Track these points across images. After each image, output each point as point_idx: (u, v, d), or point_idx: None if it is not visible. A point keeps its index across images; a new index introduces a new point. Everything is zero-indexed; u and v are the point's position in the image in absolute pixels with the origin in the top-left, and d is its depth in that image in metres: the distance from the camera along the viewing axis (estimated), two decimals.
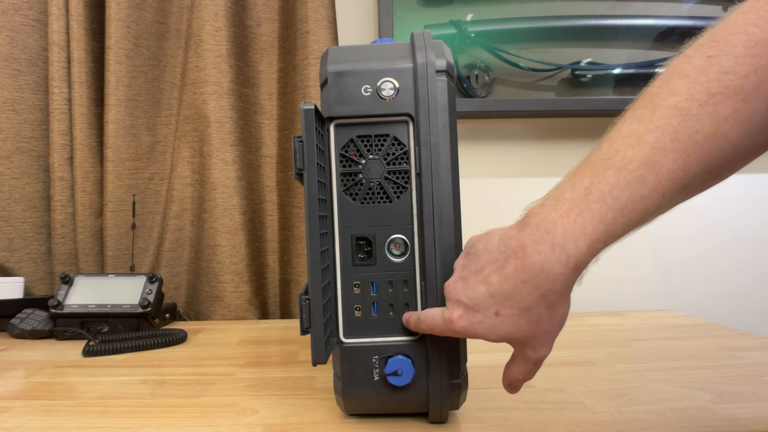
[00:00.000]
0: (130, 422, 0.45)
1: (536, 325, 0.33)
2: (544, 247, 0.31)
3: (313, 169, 0.37)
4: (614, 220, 0.30)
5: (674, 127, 0.28)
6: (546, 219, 0.31)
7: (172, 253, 0.97)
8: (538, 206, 0.33)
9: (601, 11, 0.99)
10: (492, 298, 0.33)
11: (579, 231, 0.30)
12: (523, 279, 0.32)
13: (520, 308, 0.32)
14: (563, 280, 0.31)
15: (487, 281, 0.33)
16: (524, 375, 0.37)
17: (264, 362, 0.64)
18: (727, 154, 0.28)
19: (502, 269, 0.33)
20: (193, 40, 0.94)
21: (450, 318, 0.35)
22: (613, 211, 0.30)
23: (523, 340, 0.34)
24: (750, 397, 0.48)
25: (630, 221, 0.30)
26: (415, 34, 0.43)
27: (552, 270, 0.31)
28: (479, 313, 0.34)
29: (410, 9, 0.99)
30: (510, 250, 0.33)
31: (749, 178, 1.06)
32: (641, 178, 0.29)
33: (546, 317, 0.33)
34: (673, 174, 0.29)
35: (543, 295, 0.31)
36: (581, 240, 0.30)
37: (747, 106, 0.27)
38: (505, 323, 0.33)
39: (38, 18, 0.96)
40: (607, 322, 0.83)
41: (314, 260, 0.37)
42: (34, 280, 0.96)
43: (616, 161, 0.30)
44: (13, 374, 0.60)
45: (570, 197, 0.31)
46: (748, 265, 1.06)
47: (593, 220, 0.30)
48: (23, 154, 0.95)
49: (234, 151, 0.94)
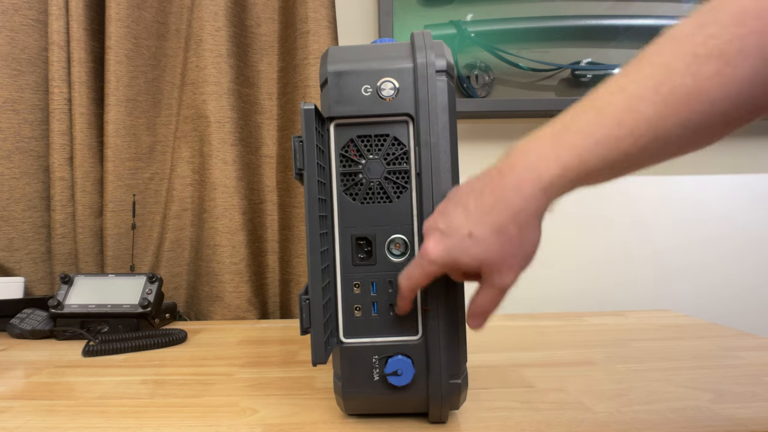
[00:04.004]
0: (130, 422, 0.45)
1: (506, 247, 0.34)
2: (519, 169, 0.33)
3: (313, 169, 0.37)
4: (587, 152, 0.32)
5: (657, 80, 0.30)
6: (524, 148, 0.34)
7: (172, 253, 0.97)
8: (520, 141, 0.35)
9: (601, 11, 0.99)
10: (467, 219, 0.35)
11: (552, 156, 0.32)
12: (497, 198, 0.34)
13: (492, 228, 0.34)
14: (535, 201, 0.33)
15: (465, 206, 0.36)
16: (488, 303, 0.37)
17: (264, 362, 0.64)
18: (705, 112, 0.30)
19: (480, 194, 0.35)
20: (193, 40, 0.94)
21: (424, 248, 0.37)
22: (587, 144, 0.32)
23: (492, 263, 0.35)
24: (750, 397, 0.48)
25: (604, 158, 0.32)
26: (415, 34, 0.43)
27: (524, 189, 0.33)
28: (453, 236, 0.35)
29: (410, 9, 0.99)
30: (488, 177, 0.35)
31: (749, 178, 1.06)
32: (618, 119, 0.31)
33: (516, 239, 0.34)
34: (651, 121, 0.30)
35: (515, 214, 0.33)
36: (553, 163, 0.32)
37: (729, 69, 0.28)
38: (477, 244, 0.34)
39: (38, 18, 0.96)
40: (607, 322, 0.83)
41: (314, 260, 0.37)
42: (34, 280, 0.96)
43: (596, 105, 0.32)
44: (13, 374, 0.60)
45: (549, 132, 0.34)
46: (748, 265, 1.06)
47: (567, 149, 0.32)
48: (23, 154, 0.95)
49: (234, 151, 0.94)
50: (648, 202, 1.05)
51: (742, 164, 1.06)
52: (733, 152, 1.06)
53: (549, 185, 0.33)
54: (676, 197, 1.05)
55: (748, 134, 1.06)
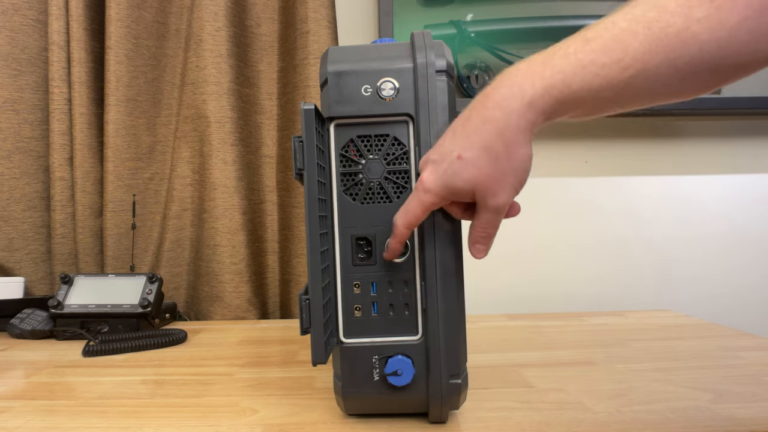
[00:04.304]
0: (130, 422, 0.45)
1: (495, 165, 0.35)
2: (502, 88, 0.34)
3: (313, 169, 0.37)
4: (573, 75, 0.32)
5: (648, 19, 0.31)
6: (510, 70, 0.35)
7: (172, 253, 0.97)
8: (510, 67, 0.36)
9: (601, 11, 0.99)
10: (455, 143, 0.36)
11: (537, 74, 0.33)
12: (482, 119, 0.35)
13: (479, 147, 0.35)
14: (518, 116, 0.34)
15: (453, 131, 0.37)
16: (487, 226, 0.38)
17: (264, 362, 0.64)
18: (693, 54, 0.30)
19: (467, 118, 0.36)
20: (193, 40, 0.94)
21: (420, 180, 0.38)
22: (573, 67, 0.32)
23: (484, 184, 0.36)
24: (750, 397, 0.48)
25: (590, 84, 0.32)
26: (415, 34, 0.43)
27: (508, 106, 0.34)
28: (444, 162, 0.36)
29: (410, 9, 0.99)
30: (476, 102, 0.36)
31: (750, 178, 1.06)
32: (607, 48, 0.32)
33: (504, 156, 0.35)
34: (638, 54, 0.31)
35: (500, 132, 0.34)
36: (538, 81, 0.33)
37: (720, 14, 0.29)
38: (466, 166, 0.35)
39: (38, 18, 0.96)
40: (607, 322, 0.83)
41: (314, 260, 0.37)
42: (34, 280, 0.96)
43: (587, 35, 0.33)
44: (13, 374, 0.60)
45: (539, 57, 0.35)
46: (749, 266, 1.06)
47: (552, 69, 0.33)
48: (23, 154, 0.95)
49: (234, 151, 0.94)
50: (648, 202, 1.05)
51: (743, 164, 1.06)
52: (733, 152, 1.06)
53: (532, 100, 0.33)
54: (676, 197, 1.05)
55: (748, 134, 1.06)
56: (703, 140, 1.06)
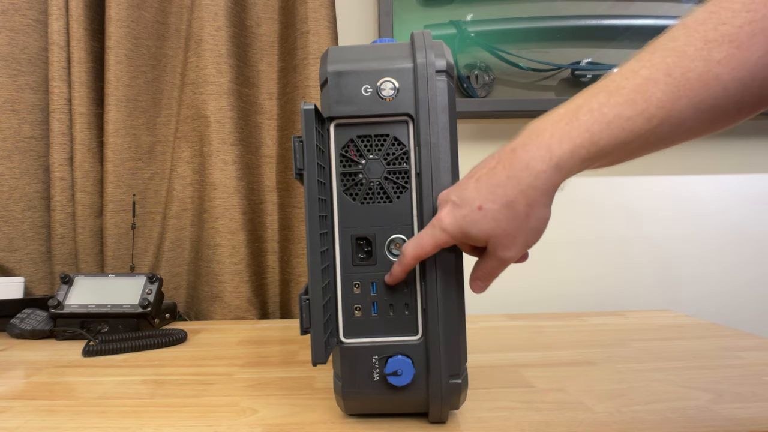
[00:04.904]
0: (130, 422, 0.45)
1: (513, 222, 0.35)
2: (531, 146, 0.34)
3: (313, 169, 0.37)
4: (599, 132, 0.32)
5: (668, 65, 0.31)
6: (537, 127, 0.35)
7: (172, 253, 0.97)
8: (534, 121, 0.36)
9: (601, 11, 0.99)
10: (478, 192, 0.36)
11: (565, 135, 0.33)
12: (508, 174, 0.35)
13: (502, 202, 0.35)
14: (545, 178, 0.34)
15: (477, 180, 0.37)
16: (490, 272, 0.39)
17: (264, 362, 0.64)
18: (717, 95, 0.30)
19: (493, 169, 0.36)
20: (193, 40, 0.94)
21: (438, 217, 0.38)
22: (600, 124, 0.32)
23: (499, 237, 0.36)
24: (750, 397, 0.48)
25: (616, 138, 0.32)
26: (415, 34, 0.43)
27: (535, 166, 0.34)
28: (464, 207, 0.37)
29: (410, 9, 0.99)
30: (502, 154, 0.36)
31: (750, 178, 1.06)
32: (631, 101, 0.32)
33: (524, 215, 0.35)
34: (662, 103, 0.31)
35: (524, 191, 0.34)
36: (565, 142, 0.33)
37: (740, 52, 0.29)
38: (486, 218, 0.36)
39: (38, 18, 0.96)
40: (607, 322, 0.83)
41: (314, 260, 0.37)
42: (34, 280, 0.96)
43: (609, 88, 0.33)
44: (13, 374, 0.60)
45: (563, 112, 0.34)
46: (749, 265, 1.06)
47: (579, 128, 0.33)
48: (23, 154, 0.95)
49: (234, 151, 0.94)
50: (648, 202, 1.05)
51: (742, 163, 1.06)
52: (733, 152, 1.06)
53: (559, 163, 0.33)
54: (676, 197, 1.05)
55: (749, 134, 1.06)
56: (703, 140, 1.06)
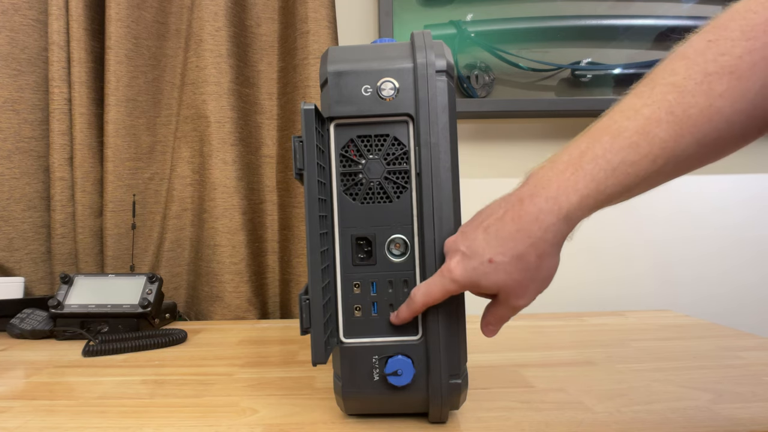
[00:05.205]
0: (130, 422, 0.45)
1: (525, 273, 0.35)
2: (539, 199, 0.34)
3: (313, 169, 0.37)
4: (605, 180, 0.32)
5: (670, 102, 0.30)
6: (543, 177, 0.35)
7: (172, 253, 0.97)
8: (537, 168, 0.36)
9: (601, 11, 0.99)
10: (488, 245, 0.36)
11: (571, 187, 0.33)
12: (518, 227, 0.35)
13: (512, 255, 0.35)
14: (555, 231, 0.34)
15: (486, 230, 0.36)
16: (501, 319, 0.40)
17: (264, 362, 0.64)
18: (720, 128, 0.30)
19: (501, 220, 0.36)
20: (193, 40, 0.94)
21: (448, 267, 0.38)
22: (605, 172, 0.32)
23: (511, 288, 0.36)
24: (750, 397, 0.48)
25: (622, 183, 0.32)
26: (415, 34, 0.43)
27: (545, 220, 0.34)
28: (474, 259, 0.36)
29: (410, 9, 0.99)
30: (509, 204, 0.36)
31: (750, 178, 1.06)
32: (634, 144, 0.31)
33: (535, 267, 0.35)
34: (665, 143, 0.31)
35: (534, 243, 0.34)
36: (573, 194, 0.33)
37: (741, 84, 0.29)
38: (497, 270, 0.36)
39: (38, 18, 0.96)
40: (607, 322, 0.83)
41: (314, 260, 0.37)
42: (34, 280, 0.96)
43: (612, 130, 0.32)
44: (13, 374, 0.60)
45: (566, 159, 0.34)
46: (749, 266, 1.06)
47: (585, 178, 0.33)
48: (23, 154, 0.95)
49: (234, 151, 0.94)
50: (648, 202, 1.05)
51: (742, 164, 1.06)
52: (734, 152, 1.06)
53: (568, 215, 0.33)
54: (676, 197, 1.05)
55: None
56: None
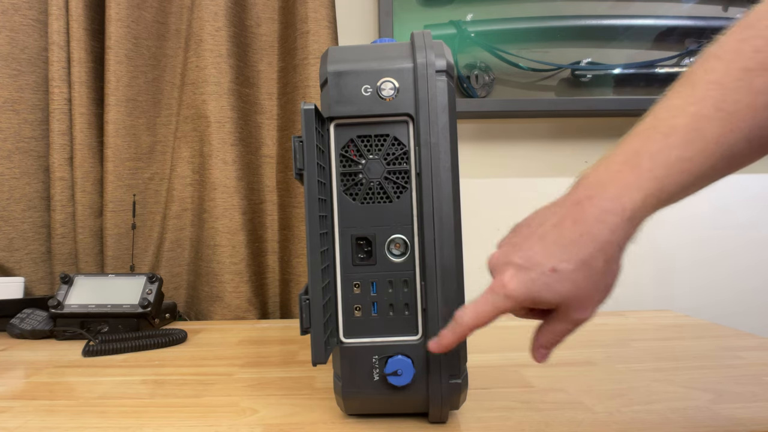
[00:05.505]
0: (130, 422, 0.45)
1: (591, 281, 0.33)
2: (599, 200, 0.32)
3: (313, 169, 0.37)
4: (666, 177, 0.31)
5: (714, 98, 0.30)
6: (599, 178, 0.33)
7: (172, 253, 0.97)
8: (589, 170, 0.34)
9: (601, 11, 0.99)
10: (548, 253, 0.33)
11: (633, 185, 0.32)
12: (580, 232, 0.32)
13: (578, 261, 0.32)
14: (621, 232, 0.32)
15: (542, 238, 0.34)
16: (561, 335, 0.37)
17: (264, 362, 0.64)
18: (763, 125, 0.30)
19: (558, 226, 0.33)
20: (193, 40, 0.94)
21: (501, 283, 0.34)
22: (664, 169, 0.31)
23: (576, 299, 0.33)
24: (750, 397, 0.48)
25: (680, 181, 0.31)
26: (415, 34, 0.43)
27: (609, 220, 0.32)
28: (533, 270, 0.33)
29: (410, 9, 0.99)
30: (564, 209, 0.34)
31: (751, 179, 1.06)
32: (687, 141, 0.31)
33: (601, 272, 0.33)
34: (718, 138, 0.30)
35: (602, 247, 0.32)
36: (636, 193, 0.31)
37: None
38: (561, 280, 0.33)
39: (38, 18, 0.96)
40: (607, 322, 0.83)
41: (314, 260, 0.37)
42: (34, 280, 0.96)
43: (661, 129, 0.32)
44: (13, 374, 0.60)
45: (621, 159, 0.33)
46: (749, 266, 1.06)
47: (645, 176, 0.31)
48: (23, 154, 0.95)
49: (234, 151, 0.94)
50: None
51: None
52: None
53: (633, 215, 0.32)
54: None
55: None
56: None
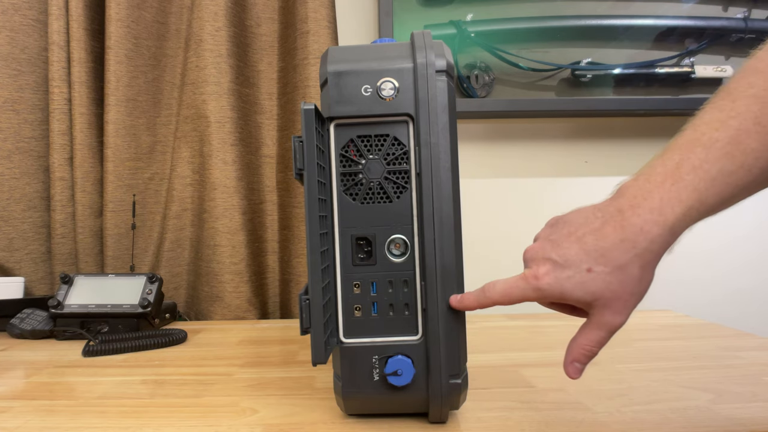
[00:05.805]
0: (130, 422, 0.45)
1: (625, 286, 0.34)
2: (642, 210, 0.33)
3: (313, 169, 0.37)
4: (707, 190, 0.32)
5: (755, 113, 0.31)
6: (642, 189, 0.34)
7: (172, 253, 0.97)
8: (630, 181, 0.35)
9: (601, 11, 0.99)
10: (586, 254, 0.35)
11: (675, 197, 0.33)
12: (621, 238, 0.34)
13: (614, 266, 0.34)
14: (661, 242, 0.33)
15: (581, 240, 0.35)
16: (596, 344, 0.37)
17: (264, 362, 0.64)
18: None
19: (599, 230, 0.35)
20: (193, 40, 0.94)
21: (535, 275, 0.36)
22: (705, 182, 0.32)
23: (608, 301, 0.35)
24: (750, 397, 0.48)
25: (721, 194, 0.32)
26: (415, 34, 0.43)
27: (651, 231, 0.33)
28: (569, 269, 0.35)
29: (410, 9, 0.99)
30: (607, 215, 0.35)
31: None
32: (728, 154, 0.32)
33: (636, 278, 0.34)
34: (758, 153, 0.31)
35: (640, 254, 0.33)
36: (677, 206, 0.33)
37: None
38: (595, 280, 0.34)
39: (38, 18, 0.96)
40: None
41: (314, 260, 0.37)
42: (34, 280, 0.96)
43: (703, 141, 0.32)
44: (13, 374, 0.60)
45: (662, 171, 0.34)
46: (749, 265, 1.06)
47: (687, 189, 0.32)
48: (23, 154, 0.95)
49: (234, 151, 0.94)
50: None
51: None
52: None
53: (674, 227, 0.33)
54: None
55: None
56: None
